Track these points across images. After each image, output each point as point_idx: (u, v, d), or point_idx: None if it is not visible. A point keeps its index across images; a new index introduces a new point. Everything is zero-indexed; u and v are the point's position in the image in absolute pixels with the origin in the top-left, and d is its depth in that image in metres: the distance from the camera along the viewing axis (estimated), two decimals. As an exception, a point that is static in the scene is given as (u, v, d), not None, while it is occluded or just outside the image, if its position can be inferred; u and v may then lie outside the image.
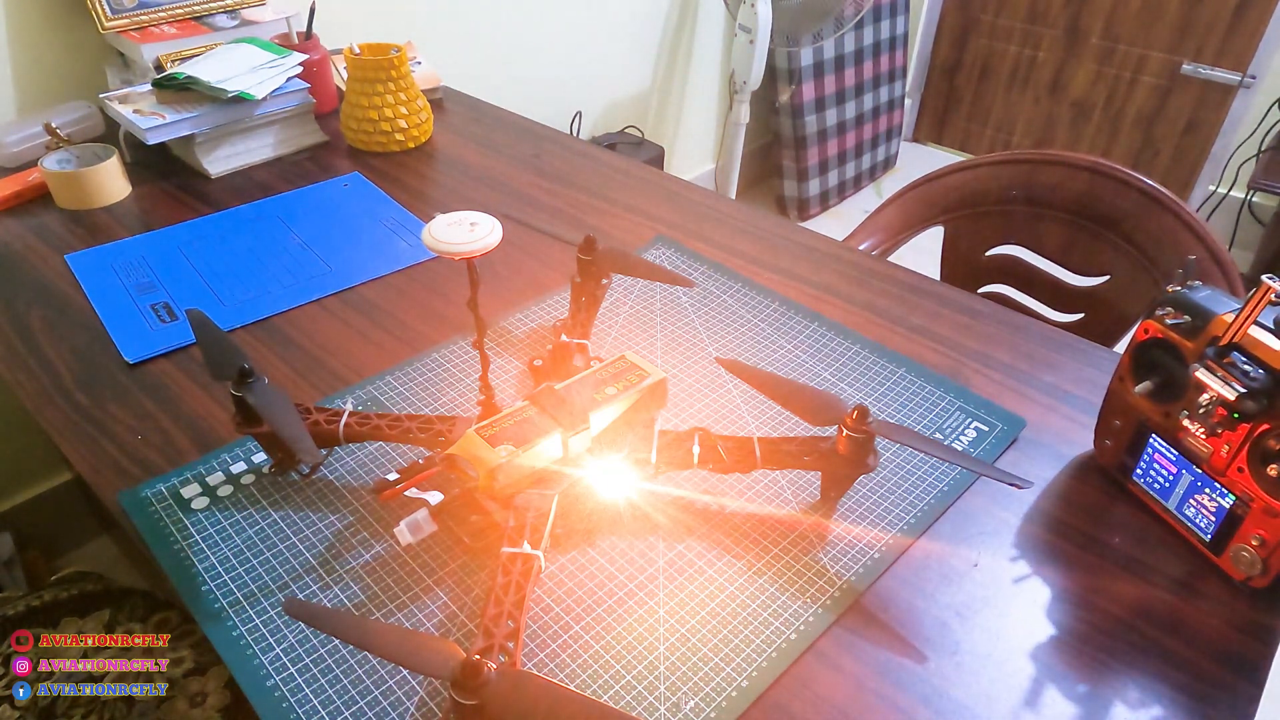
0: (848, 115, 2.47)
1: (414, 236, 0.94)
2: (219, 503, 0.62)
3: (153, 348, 0.76)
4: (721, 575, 0.57)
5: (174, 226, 0.95)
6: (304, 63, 1.11)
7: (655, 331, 0.80)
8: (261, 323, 0.81)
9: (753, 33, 1.94)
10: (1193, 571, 0.58)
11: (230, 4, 1.18)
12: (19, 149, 1.05)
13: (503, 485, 0.55)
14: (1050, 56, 2.60)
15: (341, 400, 0.71)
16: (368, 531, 0.60)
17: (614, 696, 0.50)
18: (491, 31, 1.71)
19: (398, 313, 0.82)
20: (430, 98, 1.23)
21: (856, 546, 0.59)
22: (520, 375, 0.74)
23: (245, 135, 1.07)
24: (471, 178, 1.08)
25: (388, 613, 0.54)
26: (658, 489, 0.62)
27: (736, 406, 0.71)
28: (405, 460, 0.65)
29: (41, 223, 0.96)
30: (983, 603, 0.56)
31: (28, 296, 0.83)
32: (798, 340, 0.79)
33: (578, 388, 0.59)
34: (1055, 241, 1.11)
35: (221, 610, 0.54)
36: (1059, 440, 0.68)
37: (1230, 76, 2.29)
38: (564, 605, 0.55)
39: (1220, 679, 0.52)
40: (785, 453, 0.60)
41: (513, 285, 0.86)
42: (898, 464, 0.65)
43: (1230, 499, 0.55)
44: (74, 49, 1.16)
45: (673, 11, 2.10)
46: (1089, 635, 0.54)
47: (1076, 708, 0.50)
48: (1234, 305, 0.55)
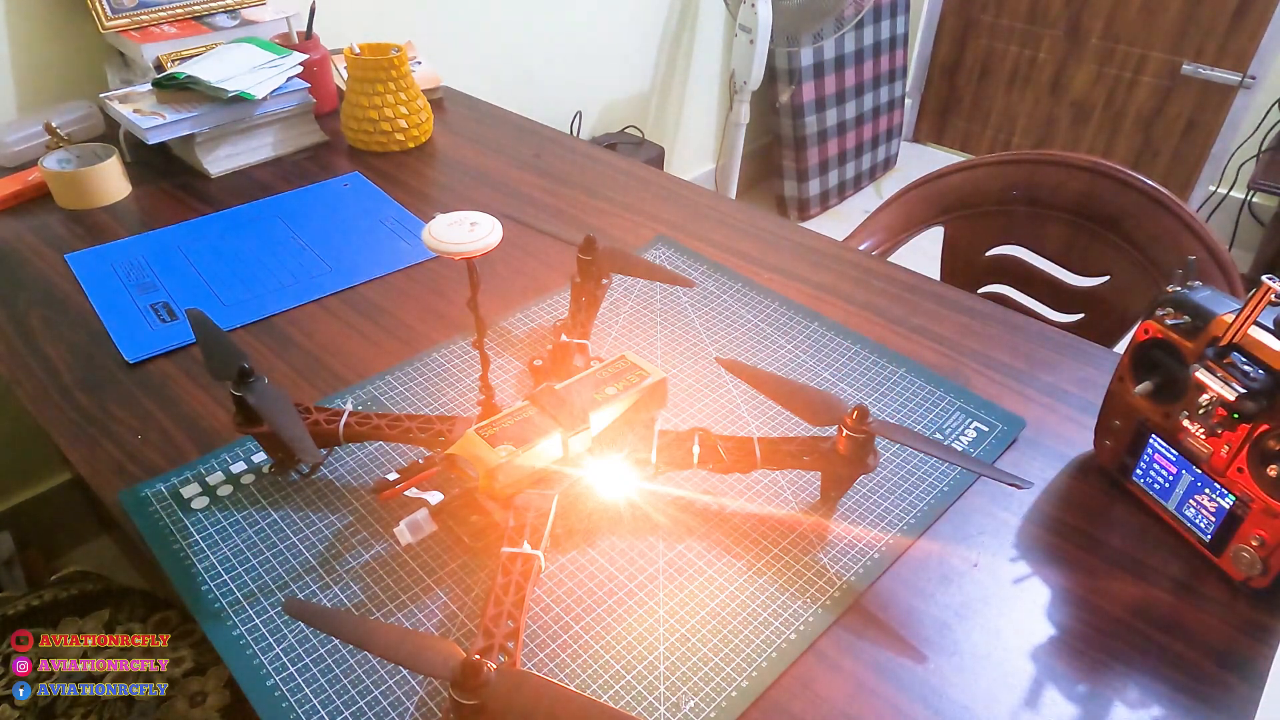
0: (848, 115, 2.47)
1: (414, 236, 0.94)
2: (219, 503, 0.62)
3: (153, 347, 0.76)
4: (721, 575, 0.57)
5: (174, 226, 0.95)
6: (304, 63, 1.11)
7: (655, 331, 0.80)
8: (261, 323, 0.81)
9: (753, 33, 1.94)
10: (1193, 571, 0.58)
11: (230, 4, 1.18)
12: (19, 149, 1.05)
13: (503, 485, 0.55)
14: (1050, 57, 2.60)
15: (341, 400, 0.71)
16: (368, 531, 0.60)
17: (614, 696, 0.50)
18: (491, 31, 1.71)
19: (398, 313, 0.82)
20: (430, 98, 1.23)
21: (856, 546, 0.59)
22: (520, 375, 0.74)
23: (245, 135, 1.07)
24: (471, 178, 1.08)
25: (388, 613, 0.54)
26: (658, 489, 0.62)
27: (736, 406, 0.71)
28: (405, 460, 0.65)
29: (41, 222, 0.96)
30: (982, 603, 0.56)
31: (28, 296, 0.83)
32: (798, 340, 0.79)
33: (578, 388, 0.59)
34: (1055, 242, 1.11)
35: (221, 610, 0.54)
36: (1059, 440, 0.68)
37: (1230, 77, 2.29)
38: (564, 605, 0.55)
39: (1220, 679, 0.52)
40: (785, 453, 0.60)
41: (513, 285, 0.86)
42: (898, 464, 0.65)
43: (1230, 499, 0.55)
44: (74, 49, 1.16)
45: (673, 11, 2.10)
46: (1089, 635, 0.54)
47: (1076, 708, 0.50)
48: (1234, 305, 0.55)
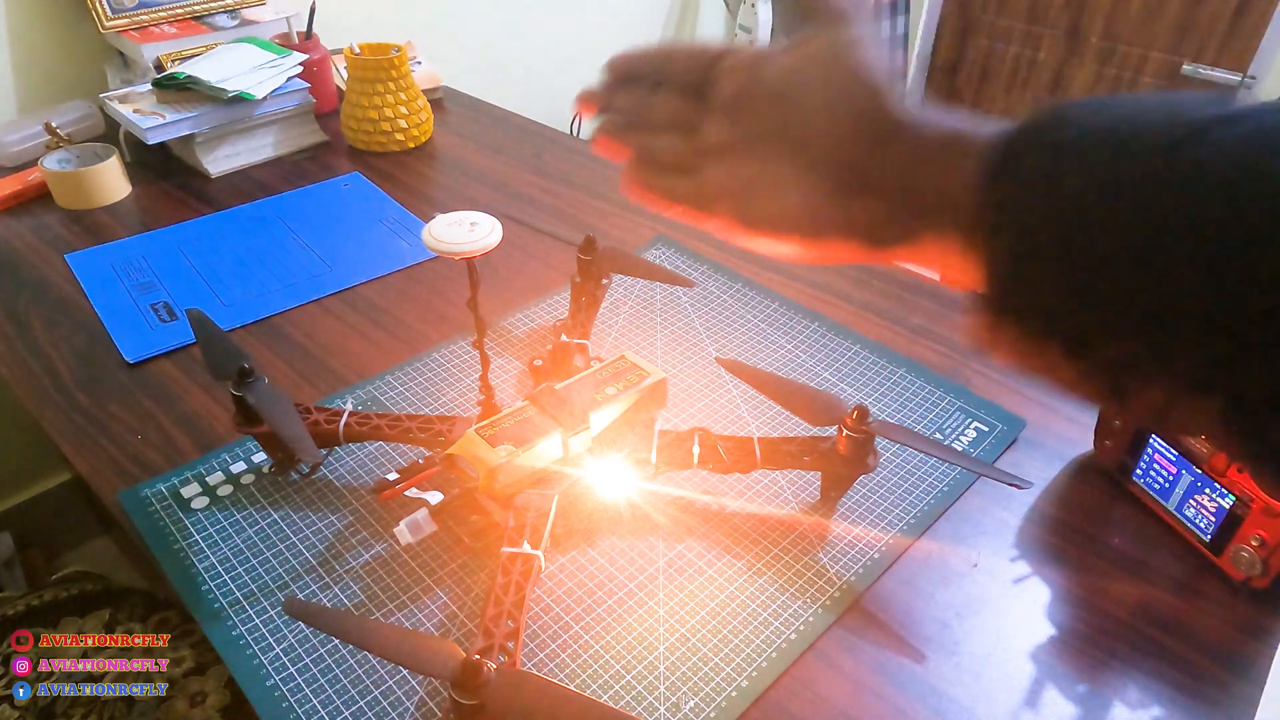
0: (848, 115, 2.47)
1: (414, 236, 0.94)
2: (219, 503, 0.62)
3: (153, 347, 0.76)
4: (721, 575, 0.57)
5: (174, 226, 0.95)
6: (304, 63, 1.11)
7: (655, 331, 0.80)
8: (261, 323, 0.81)
9: (753, 33, 1.94)
10: (1193, 571, 0.58)
11: (230, 4, 1.18)
12: (19, 149, 1.05)
13: (503, 485, 0.55)
14: (1050, 57, 2.60)
15: (341, 400, 0.71)
16: (368, 531, 0.60)
17: (614, 696, 0.50)
18: (491, 31, 1.71)
19: (398, 313, 0.82)
20: (430, 98, 1.23)
21: (856, 546, 0.59)
22: (520, 375, 0.74)
23: (245, 135, 1.07)
24: (471, 178, 1.08)
25: (388, 613, 0.54)
26: (658, 489, 0.62)
27: (736, 406, 0.71)
28: (405, 460, 0.65)
29: (41, 222, 0.96)
30: (982, 603, 0.56)
31: (28, 296, 0.83)
32: (798, 340, 0.79)
33: (578, 388, 0.59)
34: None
35: (221, 610, 0.54)
36: (1059, 440, 0.68)
37: (1230, 77, 2.29)
38: (564, 605, 0.55)
39: (1220, 679, 0.52)
40: (785, 453, 0.60)
41: (513, 285, 0.86)
42: (898, 464, 0.65)
43: (1230, 499, 0.55)
44: (74, 49, 1.16)
45: (673, 11, 2.10)
46: (1089, 635, 0.54)
47: (1076, 708, 0.50)
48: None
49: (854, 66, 0.32)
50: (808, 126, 0.33)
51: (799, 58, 0.34)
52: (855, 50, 0.33)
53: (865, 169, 0.32)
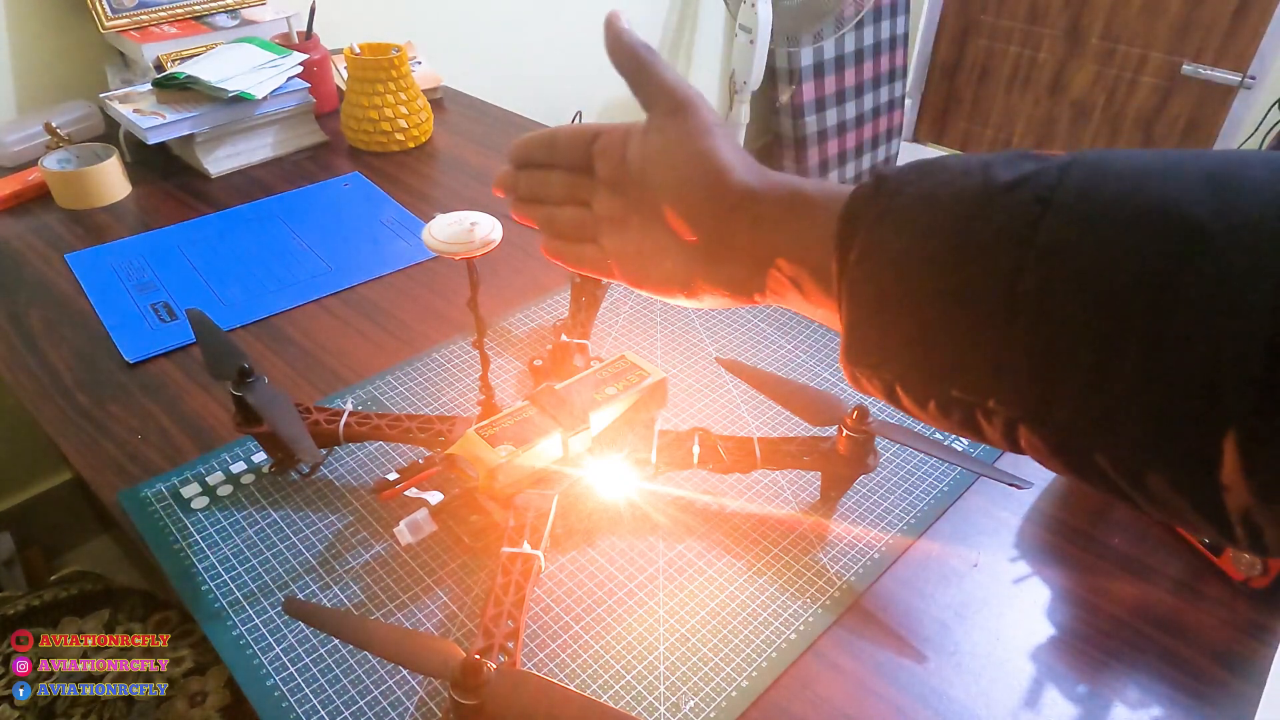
0: (848, 115, 2.47)
1: (414, 236, 0.94)
2: (219, 502, 0.62)
3: (153, 347, 0.76)
4: (721, 575, 0.57)
5: (174, 226, 0.95)
6: (304, 62, 1.11)
7: (655, 331, 0.80)
8: (261, 323, 0.81)
9: (753, 33, 1.94)
10: (1193, 571, 0.58)
11: (230, 4, 1.18)
12: (19, 149, 1.05)
13: (503, 485, 0.55)
14: (1050, 57, 2.60)
15: (341, 400, 0.71)
16: (368, 531, 0.60)
17: (614, 696, 0.50)
18: (491, 31, 1.71)
19: (398, 313, 0.82)
20: (430, 98, 1.23)
21: (856, 546, 0.59)
22: (520, 375, 0.74)
23: (245, 135, 1.07)
24: (471, 178, 1.08)
25: (388, 613, 0.54)
26: (658, 489, 0.62)
27: (736, 406, 0.71)
28: (405, 460, 0.65)
29: (41, 222, 0.96)
30: (982, 603, 0.56)
31: (28, 296, 0.83)
32: (798, 340, 0.79)
33: (578, 388, 0.59)
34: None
35: (221, 610, 0.54)
36: (1059, 440, 0.68)
37: (1230, 77, 2.29)
38: (564, 605, 0.55)
39: (1220, 679, 0.52)
40: (785, 453, 0.60)
41: (513, 285, 0.86)
42: (898, 464, 0.65)
43: (1230, 499, 0.55)
44: (74, 49, 1.16)
45: (673, 11, 2.10)
46: (1089, 635, 0.54)
47: (1076, 708, 0.50)
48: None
49: (697, 152, 0.37)
50: (669, 205, 0.38)
51: (652, 146, 0.39)
52: (697, 138, 0.37)
53: (721, 236, 0.37)
